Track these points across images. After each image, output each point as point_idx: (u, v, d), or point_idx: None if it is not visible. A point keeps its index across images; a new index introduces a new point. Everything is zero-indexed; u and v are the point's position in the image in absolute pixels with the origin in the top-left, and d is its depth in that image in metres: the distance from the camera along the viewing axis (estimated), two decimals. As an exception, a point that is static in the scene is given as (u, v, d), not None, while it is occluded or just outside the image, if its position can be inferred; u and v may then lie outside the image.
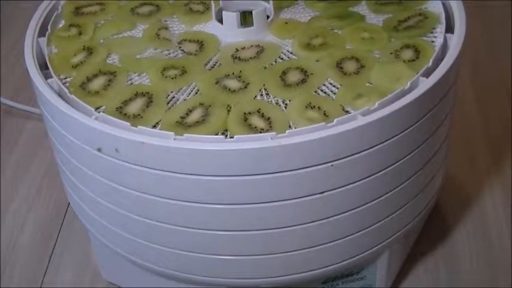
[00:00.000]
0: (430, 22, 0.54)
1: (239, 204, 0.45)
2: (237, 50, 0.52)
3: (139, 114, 0.47)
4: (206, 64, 0.52)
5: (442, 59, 0.49)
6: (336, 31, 0.54)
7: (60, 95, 0.49)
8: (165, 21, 0.56)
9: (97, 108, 0.47)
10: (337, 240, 0.48)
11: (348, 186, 0.46)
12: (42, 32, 0.55)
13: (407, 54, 0.50)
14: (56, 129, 0.49)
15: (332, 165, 0.44)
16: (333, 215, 0.47)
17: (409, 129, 0.46)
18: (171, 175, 0.44)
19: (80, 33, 0.55)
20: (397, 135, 0.45)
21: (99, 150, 0.46)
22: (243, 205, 0.45)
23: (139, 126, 0.44)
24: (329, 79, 0.49)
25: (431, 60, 0.48)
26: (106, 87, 0.49)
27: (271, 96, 0.48)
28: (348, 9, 0.56)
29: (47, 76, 0.50)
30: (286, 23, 0.55)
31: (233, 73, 0.50)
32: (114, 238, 0.52)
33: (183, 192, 0.45)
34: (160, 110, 0.47)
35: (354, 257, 0.51)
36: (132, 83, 0.50)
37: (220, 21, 0.54)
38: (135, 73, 0.51)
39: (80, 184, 0.51)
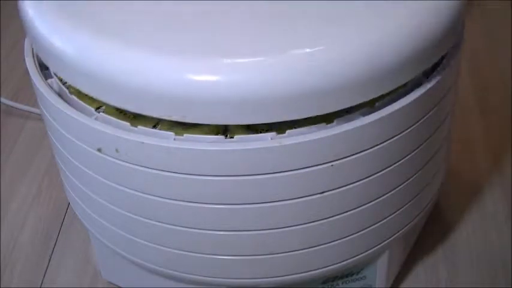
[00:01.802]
0: (430, 22, 0.53)
1: (239, 204, 0.45)
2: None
3: (139, 114, 0.47)
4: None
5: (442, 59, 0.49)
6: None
7: (60, 95, 0.49)
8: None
9: (97, 108, 0.47)
10: (337, 240, 0.48)
11: (348, 186, 0.46)
12: (42, 32, 0.55)
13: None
14: (56, 129, 0.49)
15: (332, 165, 0.44)
16: (333, 215, 0.47)
17: (409, 129, 0.46)
18: (171, 175, 0.44)
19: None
20: (397, 135, 0.45)
21: (99, 150, 0.46)
22: (243, 205, 0.45)
23: (139, 126, 0.44)
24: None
25: (431, 60, 0.48)
26: (106, 87, 0.49)
27: (271, 96, 0.48)
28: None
29: (47, 76, 0.50)
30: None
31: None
32: (114, 238, 0.52)
33: (183, 192, 0.45)
34: (160, 110, 0.47)
35: (354, 257, 0.51)
36: (132, 83, 0.50)
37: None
38: (135, 73, 0.51)
39: (80, 184, 0.51)
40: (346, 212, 0.47)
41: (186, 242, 0.48)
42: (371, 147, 0.44)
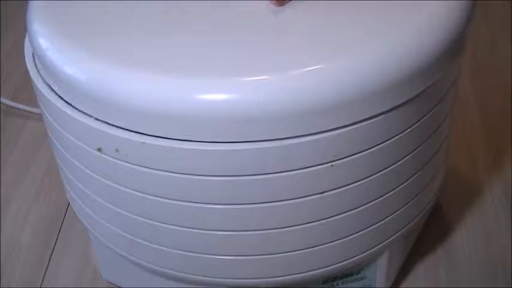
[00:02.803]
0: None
1: (239, 205, 0.45)
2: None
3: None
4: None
5: (442, 59, 0.49)
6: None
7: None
8: None
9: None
10: (337, 240, 0.48)
11: (347, 186, 0.46)
12: (42, 32, 0.55)
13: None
14: (56, 129, 0.49)
15: (332, 165, 0.44)
16: (332, 215, 0.47)
17: (409, 129, 0.46)
18: (171, 175, 0.44)
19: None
20: (397, 135, 0.45)
21: (99, 150, 0.46)
22: (243, 205, 0.45)
23: (139, 126, 0.44)
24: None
25: (431, 60, 0.48)
26: (106, 87, 0.49)
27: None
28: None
29: (47, 76, 0.50)
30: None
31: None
32: (114, 238, 0.52)
33: (183, 192, 0.45)
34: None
35: (354, 257, 0.51)
36: (132, 83, 0.50)
37: None
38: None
39: (80, 184, 0.51)
40: (346, 212, 0.47)
41: (186, 242, 0.48)
42: (371, 147, 0.44)
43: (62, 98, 0.48)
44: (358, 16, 0.46)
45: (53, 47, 0.46)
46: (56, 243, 0.67)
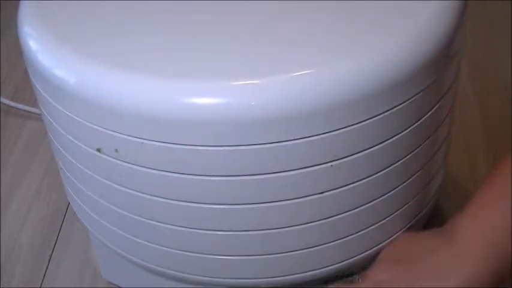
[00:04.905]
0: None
1: (239, 204, 0.45)
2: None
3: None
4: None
5: (442, 59, 0.49)
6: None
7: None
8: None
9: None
10: (337, 240, 0.48)
11: (347, 186, 0.46)
12: (42, 32, 0.55)
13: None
14: (55, 129, 0.49)
15: (332, 165, 0.44)
16: (332, 215, 0.47)
17: (409, 129, 0.46)
18: (171, 175, 0.44)
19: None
20: (396, 135, 0.45)
21: (98, 150, 0.46)
22: (243, 205, 0.45)
23: (139, 126, 0.44)
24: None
25: (431, 60, 0.48)
26: (106, 87, 0.49)
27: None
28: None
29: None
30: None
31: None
32: (114, 238, 0.52)
33: (183, 192, 0.45)
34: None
35: (354, 257, 0.51)
36: (132, 83, 0.50)
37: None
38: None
39: (80, 184, 0.51)
40: (346, 212, 0.47)
41: (186, 242, 0.48)
42: (370, 147, 0.44)
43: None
44: (355, 17, 0.46)
45: (42, 49, 0.46)
46: (56, 243, 0.67)
